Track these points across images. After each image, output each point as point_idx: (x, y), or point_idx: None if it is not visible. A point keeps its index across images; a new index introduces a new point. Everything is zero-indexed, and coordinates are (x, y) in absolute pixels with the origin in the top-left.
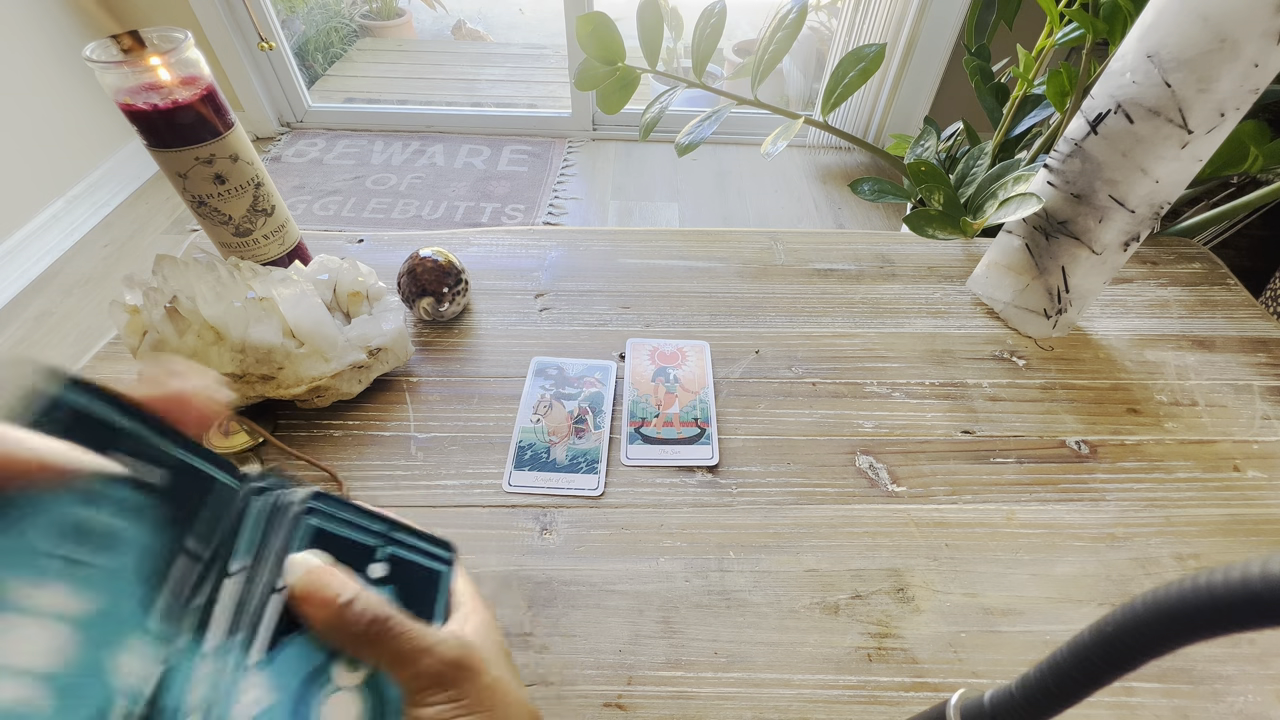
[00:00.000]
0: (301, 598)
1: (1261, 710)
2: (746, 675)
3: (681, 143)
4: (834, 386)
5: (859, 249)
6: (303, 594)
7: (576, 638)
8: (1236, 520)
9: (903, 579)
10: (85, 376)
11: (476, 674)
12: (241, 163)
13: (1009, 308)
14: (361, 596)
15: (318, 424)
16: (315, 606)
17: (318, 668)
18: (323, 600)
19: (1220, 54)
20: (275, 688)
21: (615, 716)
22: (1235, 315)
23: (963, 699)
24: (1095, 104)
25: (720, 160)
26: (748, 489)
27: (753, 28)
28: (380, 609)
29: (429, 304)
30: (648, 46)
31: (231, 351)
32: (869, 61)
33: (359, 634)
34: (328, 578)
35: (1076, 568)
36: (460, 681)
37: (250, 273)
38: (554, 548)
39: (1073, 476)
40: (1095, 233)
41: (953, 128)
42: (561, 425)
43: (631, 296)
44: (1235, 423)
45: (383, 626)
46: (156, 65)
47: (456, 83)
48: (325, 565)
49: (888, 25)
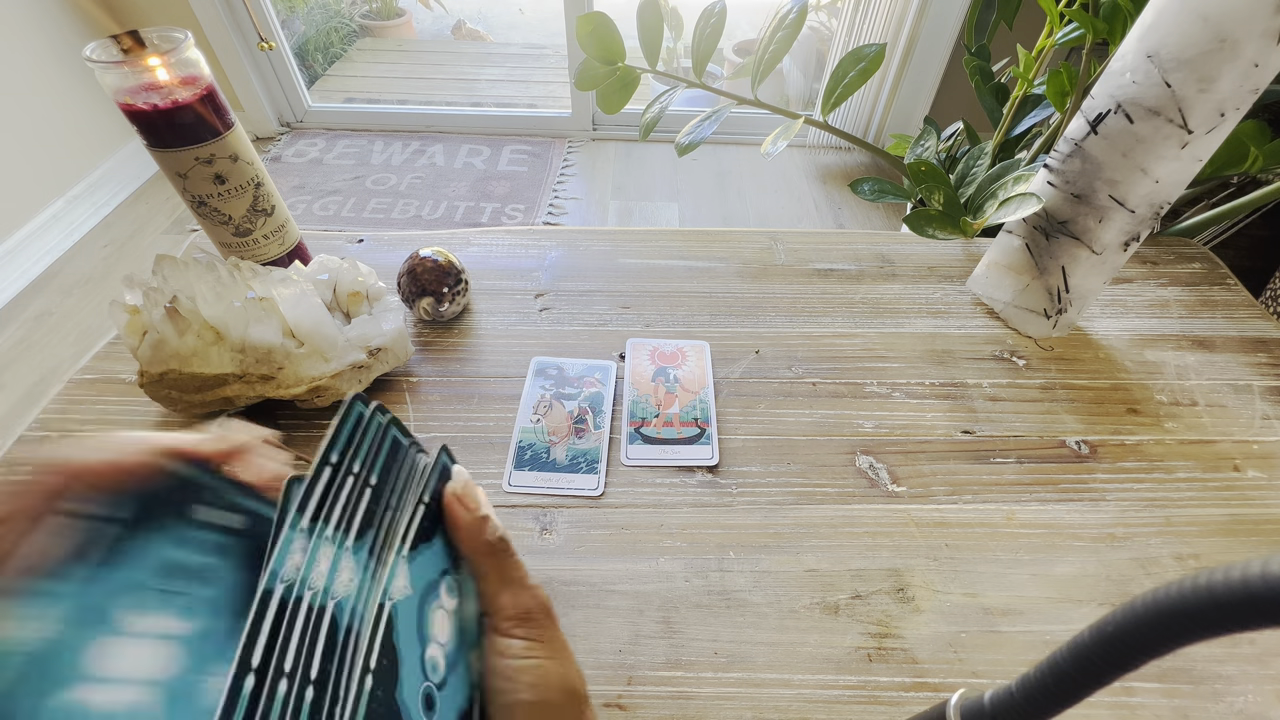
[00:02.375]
0: (461, 495)
1: (1261, 710)
2: (746, 675)
3: (681, 143)
4: (834, 386)
5: (859, 249)
6: (461, 494)
7: (576, 638)
8: (1236, 520)
9: (903, 579)
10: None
11: (555, 625)
12: (241, 163)
13: (1009, 308)
14: (495, 516)
15: (318, 424)
16: (466, 509)
17: (434, 580)
18: (472, 505)
19: (1220, 54)
20: (413, 583)
21: (615, 716)
22: (1235, 315)
23: (963, 699)
24: (1095, 104)
25: (720, 160)
26: (748, 489)
27: (753, 28)
28: (506, 532)
29: (429, 304)
30: (648, 46)
31: (231, 351)
32: (869, 61)
33: (490, 543)
34: (479, 491)
35: (1076, 568)
36: (545, 625)
37: (250, 273)
38: (554, 548)
39: (1073, 476)
40: (1095, 233)
41: (953, 128)
42: (561, 425)
43: (631, 296)
44: (1235, 423)
45: (507, 545)
46: (156, 65)
47: (456, 83)
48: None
49: (888, 25)
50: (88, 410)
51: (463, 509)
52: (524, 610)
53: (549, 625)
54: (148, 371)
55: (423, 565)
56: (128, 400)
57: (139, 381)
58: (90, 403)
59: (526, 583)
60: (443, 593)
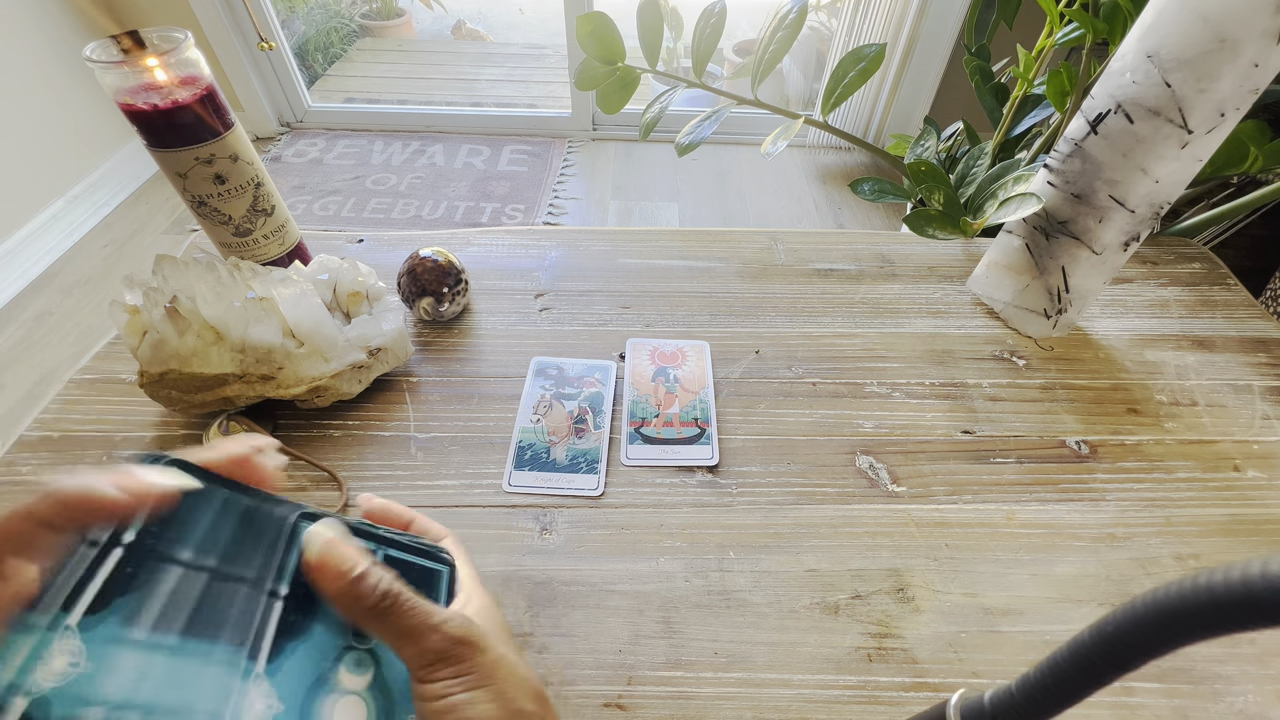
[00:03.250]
0: (317, 567)
1: (1261, 710)
2: (746, 675)
3: (681, 143)
4: (834, 386)
5: (859, 249)
6: (319, 564)
7: (576, 638)
8: (1236, 520)
9: (903, 579)
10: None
11: (480, 650)
12: (241, 163)
13: (1009, 308)
14: (374, 571)
15: (318, 424)
16: (330, 578)
17: (322, 675)
18: (337, 572)
19: (1220, 54)
20: (282, 695)
21: (615, 716)
22: (1235, 315)
23: (963, 699)
24: (1095, 104)
25: (720, 160)
26: (748, 489)
27: (753, 28)
28: (391, 584)
29: (429, 304)
30: (648, 46)
31: (231, 351)
32: (869, 61)
33: (370, 607)
34: (343, 550)
35: (1076, 568)
36: (465, 658)
37: (250, 273)
38: (554, 548)
39: (1073, 476)
40: (1095, 233)
41: (953, 128)
42: (561, 425)
43: (631, 296)
44: (1235, 423)
45: (394, 600)
46: (156, 65)
47: (456, 83)
48: (340, 539)
49: (888, 25)
50: (88, 410)
51: (329, 578)
52: (434, 655)
53: (472, 655)
54: (148, 371)
55: (297, 667)
56: (128, 400)
57: (139, 381)
58: (90, 403)
59: (431, 624)
60: (342, 677)
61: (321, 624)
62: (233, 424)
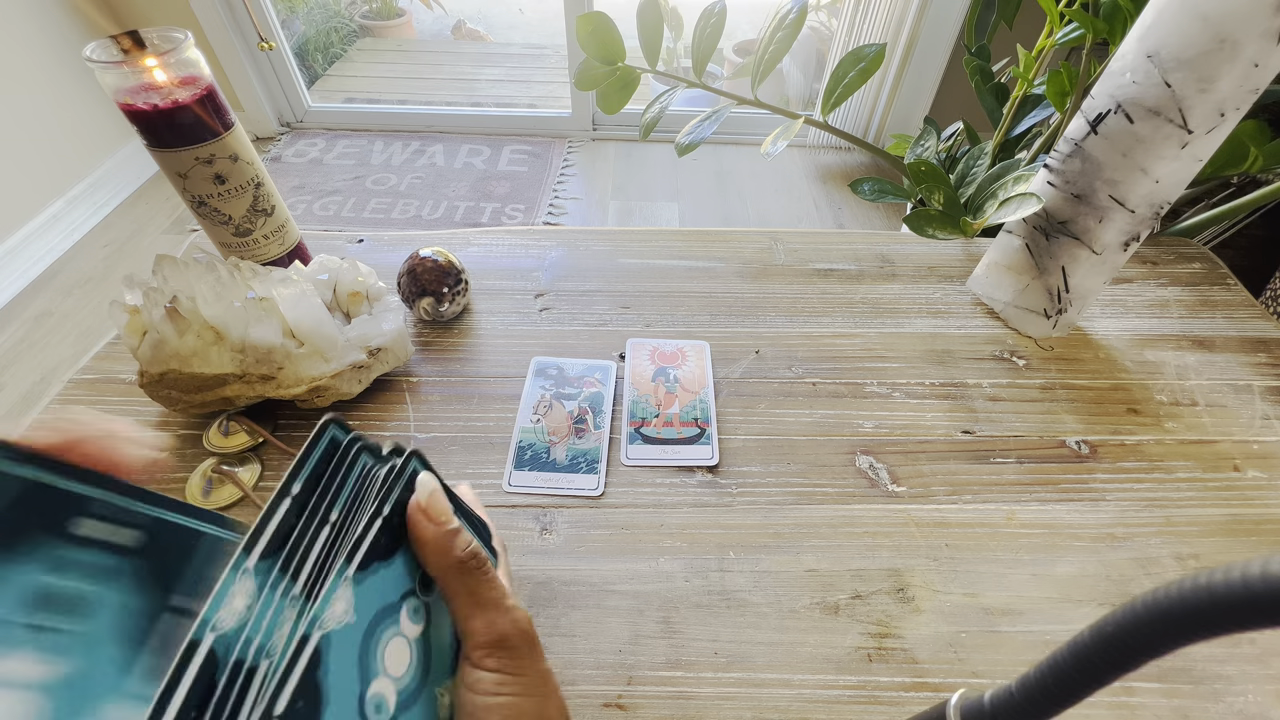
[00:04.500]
0: (424, 508)
1: (1261, 710)
2: (746, 675)
3: (681, 143)
4: (834, 386)
5: (859, 249)
6: (426, 506)
7: (576, 638)
8: (1236, 520)
9: (903, 579)
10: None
11: (537, 655)
12: (241, 163)
13: (1009, 308)
14: (465, 532)
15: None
16: (431, 523)
17: (392, 604)
18: (438, 519)
19: (1220, 54)
20: (357, 609)
21: (615, 716)
22: (1235, 315)
23: (963, 699)
24: (1095, 104)
25: (720, 160)
26: (748, 489)
27: (753, 28)
28: (481, 549)
29: (429, 304)
30: (648, 46)
31: (231, 351)
32: (869, 61)
33: (458, 560)
34: (446, 502)
35: (1076, 568)
36: (522, 654)
37: (250, 273)
38: (554, 548)
39: (1073, 476)
40: (1095, 233)
41: (953, 128)
42: (561, 425)
43: (631, 296)
44: (1235, 423)
45: (480, 562)
46: (156, 65)
47: (456, 83)
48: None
49: (888, 25)
50: (88, 410)
51: (427, 522)
52: (499, 636)
53: (528, 656)
54: (148, 371)
55: (375, 587)
56: (128, 400)
57: (139, 381)
58: (90, 403)
59: (504, 604)
60: (403, 618)
61: (404, 557)
62: (233, 424)
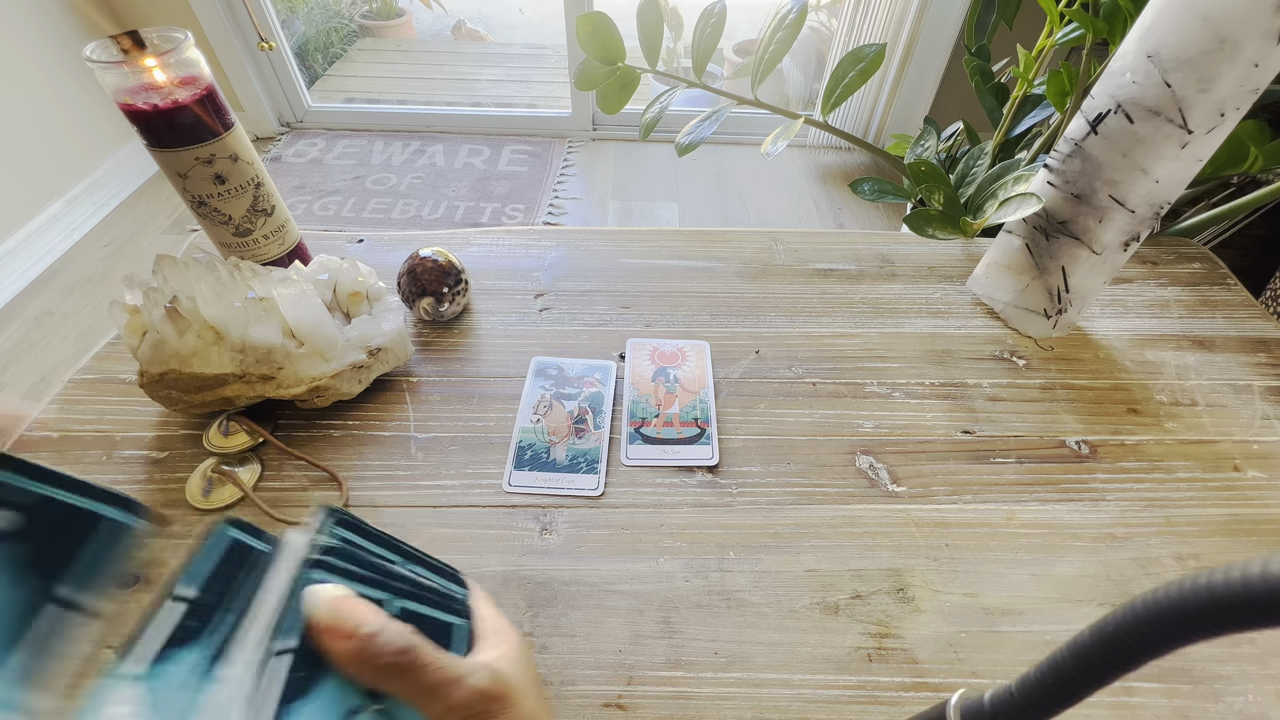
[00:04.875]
0: (325, 630)
1: (1261, 710)
2: (746, 675)
3: (681, 143)
4: (834, 386)
5: (859, 249)
6: (327, 626)
7: (576, 638)
8: (1236, 520)
9: (903, 579)
10: None
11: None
12: (241, 163)
13: (1009, 308)
14: (387, 627)
15: (318, 424)
16: (339, 639)
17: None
18: (346, 632)
19: (1220, 54)
20: None
21: (615, 716)
22: (1235, 315)
23: (963, 699)
24: (1095, 104)
25: (720, 160)
26: (748, 489)
27: (753, 28)
28: (406, 639)
29: (429, 304)
30: (648, 46)
31: (231, 351)
32: (869, 61)
33: (385, 666)
34: (350, 609)
35: (1076, 568)
36: (495, 712)
37: (250, 273)
38: (554, 548)
39: (1073, 476)
40: (1095, 233)
41: (953, 128)
42: (561, 425)
43: (631, 296)
44: (1235, 423)
45: (410, 657)
46: (155, 65)
47: (456, 83)
48: (348, 595)
49: (888, 25)
50: (87, 410)
51: (337, 640)
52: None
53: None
54: (148, 371)
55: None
56: (128, 400)
57: (139, 381)
58: (90, 403)
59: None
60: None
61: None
62: (233, 424)
